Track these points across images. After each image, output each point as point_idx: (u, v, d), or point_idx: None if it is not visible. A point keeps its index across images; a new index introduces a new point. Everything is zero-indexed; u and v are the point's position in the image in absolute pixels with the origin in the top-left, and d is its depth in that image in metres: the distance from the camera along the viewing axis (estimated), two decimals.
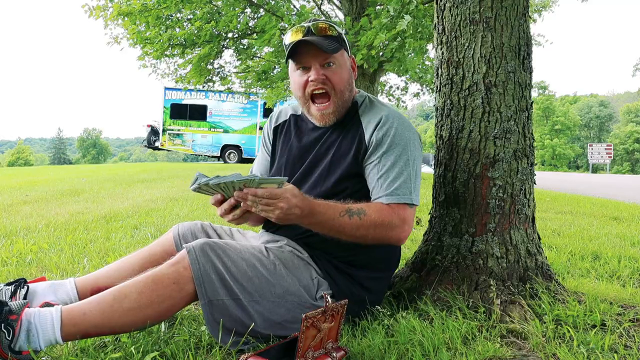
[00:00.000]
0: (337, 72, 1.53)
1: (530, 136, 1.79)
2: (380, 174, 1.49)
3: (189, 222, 1.77)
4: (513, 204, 1.74)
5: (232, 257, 1.39)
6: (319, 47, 1.46)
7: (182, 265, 1.33)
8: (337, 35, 1.54)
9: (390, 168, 1.49)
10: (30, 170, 13.90)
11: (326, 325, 1.22)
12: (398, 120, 1.53)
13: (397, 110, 1.58)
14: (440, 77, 1.86)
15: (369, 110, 1.60)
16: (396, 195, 1.47)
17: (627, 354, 1.37)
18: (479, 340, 1.43)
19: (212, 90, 12.11)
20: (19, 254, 2.56)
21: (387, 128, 1.51)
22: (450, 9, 1.81)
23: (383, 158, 1.50)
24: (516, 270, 1.72)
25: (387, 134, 1.51)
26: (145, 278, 1.31)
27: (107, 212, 4.29)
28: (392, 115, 1.55)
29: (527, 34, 1.79)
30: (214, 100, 18.79)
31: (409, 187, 1.48)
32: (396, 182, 1.48)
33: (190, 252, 1.34)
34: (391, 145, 1.50)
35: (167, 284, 1.30)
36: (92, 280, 1.60)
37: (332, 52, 1.49)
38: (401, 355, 1.33)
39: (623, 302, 1.78)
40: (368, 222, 1.43)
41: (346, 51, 1.58)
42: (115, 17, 8.76)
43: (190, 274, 1.32)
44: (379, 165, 1.50)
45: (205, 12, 9.15)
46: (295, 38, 1.50)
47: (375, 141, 1.51)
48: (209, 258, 1.35)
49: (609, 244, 3.10)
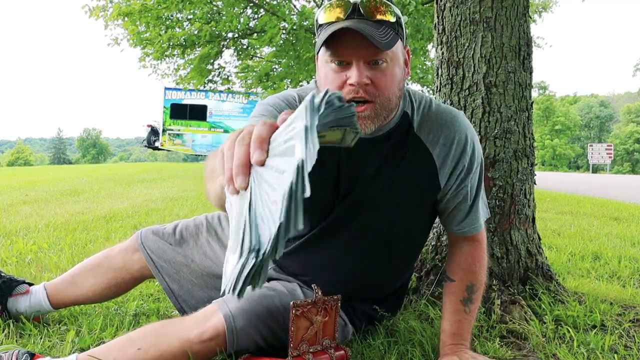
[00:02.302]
0: (388, 74, 1.08)
1: (530, 136, 1.79)
2: (472, 198, 1.26)
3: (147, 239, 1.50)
4: (513, 204, 1.74)
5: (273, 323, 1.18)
6: (370, 40, 1.00)
7: (217, 342, 1.12)
8: (394, 20, 1.08)
9: (477, 190, 1.27)
10: (30, 170, 13.90)
11: (319, 318, 1.20)
12: (470, 135, 1.24)
13: (455, 113, 1.25)
14: (440, 77, 1.86)
15: (429, 125, 1.22)
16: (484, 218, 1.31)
17: (627, 355, 1.37)
18: (479, 341, 1.43)
19: (212, 90, 12.12)
20: (19, 254, 2.56)
21: (468, 147, 1.22)
22: (450, 9, 1.81)
23: (472, 181, 1.25)
24: (516, 271, 1.72)
25: (466, 162, 1.23)
26: (171, 355, 1.11)
27: (107, 212, 4.29)
28: (469, 126, 1.26)
29: (528, 34, 1.79)
30: (214, 101, 18.78)
31: (485, 201, 1.32)
32: (482, 205, 1.30)
33: (230, 330, 1.12)
34: (475, 166, 1.25)
35: (196, 357, 1.12)
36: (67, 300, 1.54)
37: (386, 48, 1.03)
38: (401, 355, 1.33)
39: (623, 302, 1.78)
40: (479, 294, 1.28)
41: (402, 41, 1.13)
42: (115, 17, 8.76)
43: (225, 346, 1.14)
44: (468, 188, 1.25)
45: (205, 12, 9.15)
46: (335, 18, 1.06)
47: (457, 175, 1.23)
48: (249, 336, 1.15)
49: (609, 244, 3.10)
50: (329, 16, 1.07)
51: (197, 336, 1.11)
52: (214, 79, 10.77)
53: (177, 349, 1.11)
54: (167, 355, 1.11)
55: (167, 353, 1.10)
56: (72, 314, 1.62)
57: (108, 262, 1.53)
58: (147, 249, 1.49)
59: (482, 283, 1.30)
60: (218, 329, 1.11)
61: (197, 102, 18.83)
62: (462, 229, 1.28)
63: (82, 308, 1.68)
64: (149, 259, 1.48)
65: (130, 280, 1.53)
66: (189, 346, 1.11)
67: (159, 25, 9.00)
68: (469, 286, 1.27)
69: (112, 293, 1.54)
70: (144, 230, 1.53)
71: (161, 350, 1.10)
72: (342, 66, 1.07)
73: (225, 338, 1.12)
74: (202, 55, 9.46)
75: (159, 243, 1.49)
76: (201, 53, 9.46)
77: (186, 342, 1.11)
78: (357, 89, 1.05)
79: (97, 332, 1.46)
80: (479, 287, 1.29)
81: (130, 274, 1.52)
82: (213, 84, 10.90)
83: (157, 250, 1.48)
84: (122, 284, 1.53)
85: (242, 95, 16.21)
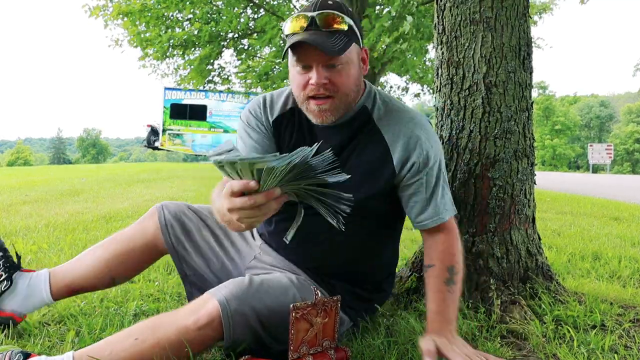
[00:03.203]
0: (343, 74, 1.28)
1: (530, 136, 1.79)
2: (427, 191, 1.36)
3: (172, 205, 1.54)
4: (513, 204, 1.73)
5: (270, 307, 1.21)
6: (322, 49, 1.21)
7: (212, 327, 1.14)
8: (347, 28, 1.26)
9: (436, 183, 1.37)
10: (30, 170, 13.90)
11: (319, 319, 1.21)
12: (429, 132, 1.38)
13: (417, 114, 1.41)
14: (440, 77, 1.86)
15: (388, 119, 1.39)
16: (448, 212, 1.38)
17: (627, 355, 1.37)
18: (479, 341, 1.43)
19: (212, 90, 12.12)
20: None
21: (419, 152, 1.34)
22: (450, 9, 1.81)
23: (429, 175, 1.36)
24: (516, 271, 1.72)
25: (420, 156, 1.34)
26: (168, 343, 1.13)
27: (106, 212, 4.29)
28: (423, 124, 1.38)
29: (528, 34, 1.79)
30: (214, 100, 18.79)
31: (451, 201, 1.41)
32: (445, 198, 1.39)
33: (225, 313, 1.14)
34: (431, 163, 1.36)
35: (192, 346, 1.14)
36: (67, 281, 1.46)
37: (336, 55, 1.23)
38: (401, 355, 1.33)
39: (623, 302, 1.78)
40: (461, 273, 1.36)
41: (358, 43, 1.32)
42: (115, 16, 8.76)
43: (221, 333, 1.15)
44: (422, 182, 1.36)
45: (205, 12, 9.15)
46: (297, 29, 1.26)
47: (410, 166, 1.35)
48: (245, 319, 1.17)
49: (610, 244, 3.10)
50: (292, 27, 1.27)
51: (193, 323, 1.14)
52: (214, 79, 10.77)
53: (174, 337, 1.12)
54: (164, 343, 1.12)
55: (163, 341, 1.12)
56: (71, 314, 1.62)
57: (120, 234, 1.52)
58: (165, 208, 1.51)
59: (461, 266, 1.37)
60: (213, 314, 1.14)
61: (197, 102, 18.84)
62: (423, 221, 1.38)
63: (82, 308, 1.68)
64: (162, 216, 1.49)
65: (143, 249, 1.48)
66: (186, 333, 1.13)
67: (159, 25, 9.00)
68: (449, 268, 1.34)
69: (119, 266, 1.46)
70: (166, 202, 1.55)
71: (158, 339, 1.12)
72: (305, 69, 1.28)
73: (220, 322, 1.14)
74: (202, 56, 9.46)
75: (181, 206, 1.54)
76: (201, 54, 9.45)
77: (182, 329, 1.13)
78: (318, 88, 1.27)
79: (97, 332, 1.46)
80: (458, 269, 1.35)
81: (144, 238, 1.48)
82: (213, 84, 10.90)
83: (176, 208, 1.52)
84: (132, 254, 1.46)
85: (242, 95, 16.19)
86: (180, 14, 9.26)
